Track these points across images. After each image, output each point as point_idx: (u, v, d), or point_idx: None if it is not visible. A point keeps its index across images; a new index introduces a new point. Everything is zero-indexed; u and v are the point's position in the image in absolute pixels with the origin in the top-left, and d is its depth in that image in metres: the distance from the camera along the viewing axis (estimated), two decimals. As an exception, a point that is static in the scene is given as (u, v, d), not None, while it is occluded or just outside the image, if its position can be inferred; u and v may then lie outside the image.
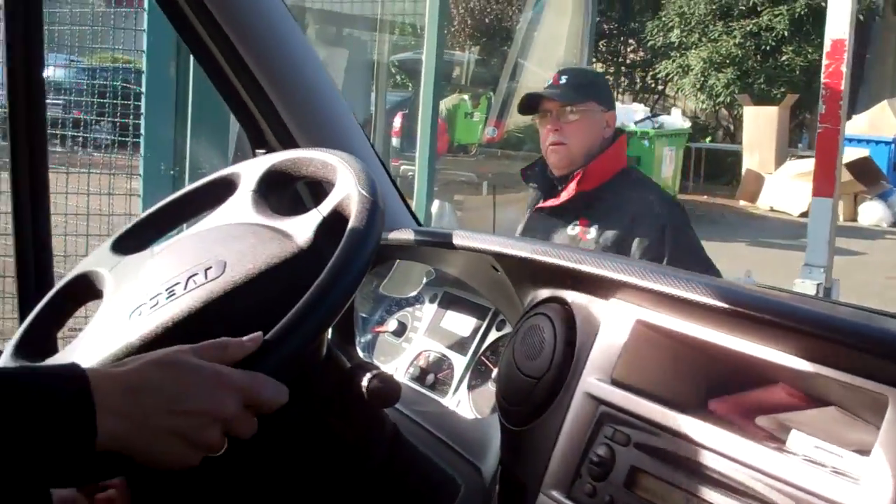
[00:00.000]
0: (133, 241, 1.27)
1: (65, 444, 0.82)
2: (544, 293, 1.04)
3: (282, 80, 1.50)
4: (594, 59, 14.34)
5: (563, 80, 2.66)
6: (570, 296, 1.00)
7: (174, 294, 1.08)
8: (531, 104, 2.59)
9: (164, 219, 1.32)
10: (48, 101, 4.92)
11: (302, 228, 1.10)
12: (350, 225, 1.00)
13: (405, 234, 1.28)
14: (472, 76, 11.24)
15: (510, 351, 1.03)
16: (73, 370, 0.86)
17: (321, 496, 1.22)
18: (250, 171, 1.23)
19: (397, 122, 9.26)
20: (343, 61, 7.95)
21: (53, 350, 1.26)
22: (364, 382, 1.12)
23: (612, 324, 0.95)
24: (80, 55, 5.00)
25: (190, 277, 1.09)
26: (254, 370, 0.92)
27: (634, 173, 2.78)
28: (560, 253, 1.01)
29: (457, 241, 1.16)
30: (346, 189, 1.07)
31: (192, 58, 3.73)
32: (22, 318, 1.65)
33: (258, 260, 1.07)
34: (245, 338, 0.95)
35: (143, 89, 3.82)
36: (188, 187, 1.33)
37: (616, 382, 0.92)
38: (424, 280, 1.44)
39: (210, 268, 1.09)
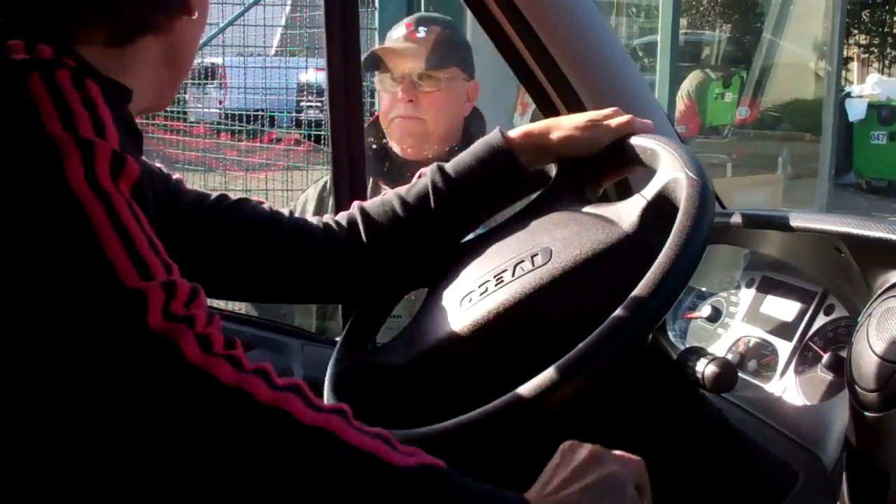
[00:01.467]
0: None
1: None
2: (901, 275, 1.00)
3: (582, 65, 1.50)
4: (857, 31, 13.51)
5: (423, 32, 1.98)
6: (934, 277, 0.95)
7: (502, 281, 1.12)
8: (377, 60, 1.98)
9: None
10: (308, 104, 5.19)
11: (626, 213, 1.10)
12: (683, 207, 0.99)
13: (734, 218, 1.26)
14: (723, 55, 10.87)
15: (864, 334, 0.99)
16: (517, 499, 0.85)
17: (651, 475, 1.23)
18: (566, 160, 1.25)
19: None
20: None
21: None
22: (699, 367, 1.11)
23: None
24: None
25: (517, 265, 1.12)
26: (610, 336, 0.92)
27: None
28: (922, 232, 0.97)
29: (797, 223, 1.13)
30: (672, 173, 1.06)
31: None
32: (345, 308, 1.76)
33: (584, 246, 1.08)
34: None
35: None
36: None
37: None
38: (742, 265, 1.41)
39: (536, 255, 1.12)
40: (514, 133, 1.23)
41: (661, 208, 1.06)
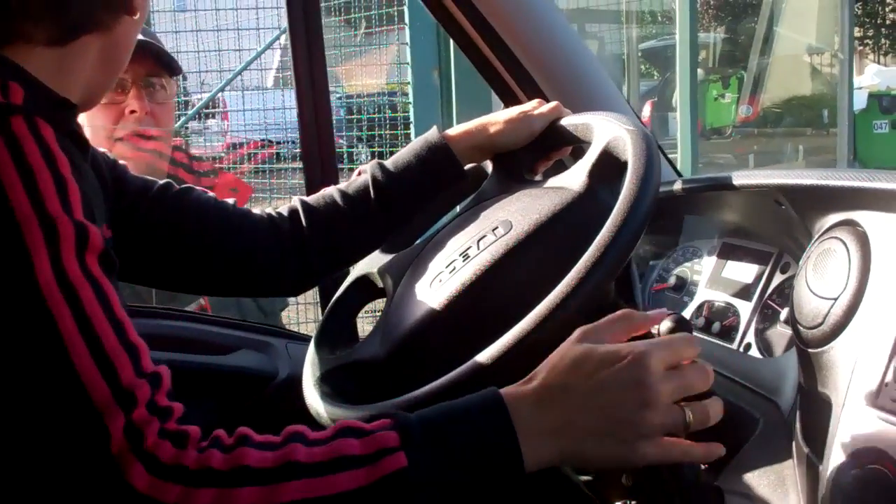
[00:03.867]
0: (401, 238, 1.37)
1: (494, 475, 0.84)
2: (834, 218, 1.04)
3: (538, 52, 1.55)
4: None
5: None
6: (862, 216, 1.00)
7: (468, 257, 1.17)
8: None
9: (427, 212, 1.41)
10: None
11: (574, 177, 1.16)
12: (631, 152, 1.03)
13: (680, 185, 1.31)
14: (720, 56, 10.92)
15: (803, 276, 1.04)
16: (492, 399, 0.87)
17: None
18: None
19: (646, 110, 9.17)
20: (591, 57, 8.01)
21: (354, 338, 1.38)
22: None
23: (909, 239, 0.94)
24: (347, 79, 5.34)
25: (480, 240, 1.17)
26: (598, 260, 0.95)
27: None
28: (850, 175, 1.01)
29: (739, 181, 1.18)
30: (611, 132, 1.11)
31: (452, 64, 4.00)
32: (323, 308, 1.80)
33: (542, 210, 1.13)
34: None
35: (411, 98, 4.12)
36: None
37: (917, 295, 0.91)
38: (704, 235, 1.45)
39: (496, 228, 1.17)
40: (452, 131, 1.31)
41: (607, 166, 1.12)
